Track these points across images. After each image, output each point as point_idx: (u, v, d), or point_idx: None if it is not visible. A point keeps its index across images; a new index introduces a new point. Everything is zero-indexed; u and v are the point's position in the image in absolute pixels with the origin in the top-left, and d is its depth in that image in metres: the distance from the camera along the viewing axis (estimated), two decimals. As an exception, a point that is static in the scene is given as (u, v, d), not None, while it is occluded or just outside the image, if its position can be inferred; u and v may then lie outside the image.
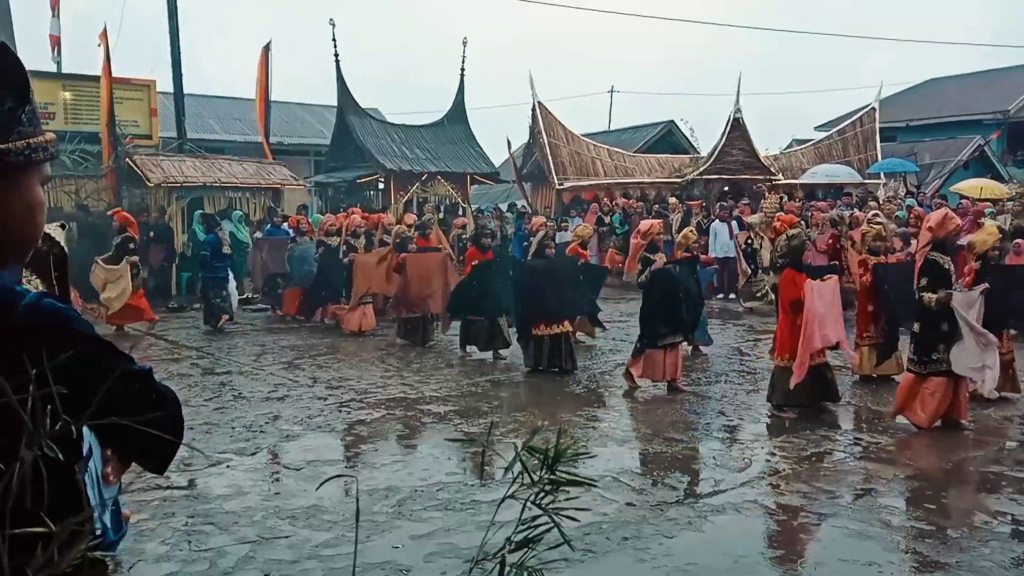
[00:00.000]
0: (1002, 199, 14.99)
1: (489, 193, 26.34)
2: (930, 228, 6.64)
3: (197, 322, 13.21)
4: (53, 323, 1.35)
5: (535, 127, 20.71)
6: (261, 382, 8.69)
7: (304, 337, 11.76)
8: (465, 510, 4.98)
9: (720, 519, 4.86)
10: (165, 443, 1.56)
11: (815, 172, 20.59)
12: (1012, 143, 25.02)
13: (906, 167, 20.65)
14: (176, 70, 18.24)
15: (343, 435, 6.78)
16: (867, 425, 6.99)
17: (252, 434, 6.68)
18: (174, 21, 18.08)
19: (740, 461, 5.96)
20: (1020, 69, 19.15)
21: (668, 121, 26.34)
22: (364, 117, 20.37)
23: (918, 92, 30.26)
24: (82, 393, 1.20)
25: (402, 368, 9.40)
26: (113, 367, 1.32)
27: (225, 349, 10.70)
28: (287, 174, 18.06)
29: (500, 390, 8.52)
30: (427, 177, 19.54)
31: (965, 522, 4.80)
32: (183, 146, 18.45)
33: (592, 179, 20.61)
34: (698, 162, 21.20)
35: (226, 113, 26.43)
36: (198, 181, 16.30)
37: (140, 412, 1.21)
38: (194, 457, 6.02)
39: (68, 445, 1.33)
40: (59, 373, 1.07)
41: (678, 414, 7.32)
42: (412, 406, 7.60)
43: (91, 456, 1.62)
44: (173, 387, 1.63)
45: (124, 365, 1.45)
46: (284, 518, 4.86)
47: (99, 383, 1.19)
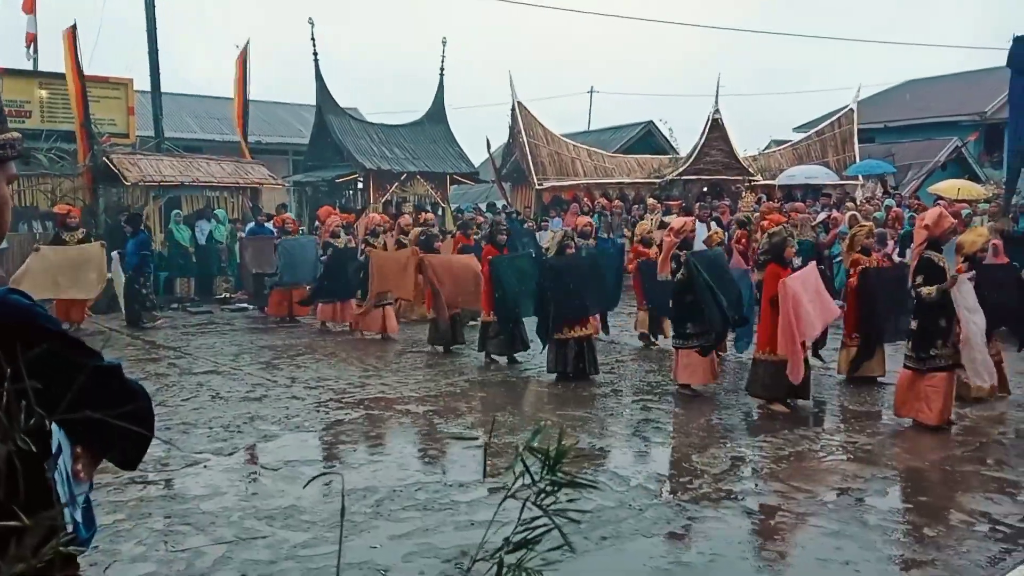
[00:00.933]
0: (978, 200, 15.15)
1: (468, 193, 26.31)
2: (926, 226, 6.74)
3: (175, 322, 13.11)
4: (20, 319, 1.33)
5: (515, 127, 20.70)
6: (239, 382, 8.61)
7: (283, 337, 11.68)
8: (443, 510, 4.95)
9: (699, 518, 4.87)
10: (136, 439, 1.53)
11: (793, 173, 20.75)
12: (989, 145, 25.31)
13: (883, 168, 20.84)
14: (154, 68, 18.04)
15: (321, 435, 6.73)
16: (845, 424, 7.04)
17: (230, 434, 6.62)
18: (152, 19, 17.90)
19: (719, 460, 5.98)
20: (997, 71, 19.34)
21: (647, 122, 26.42)
22: (343, 116, 20.29)
23: (896, 94, 30.54)
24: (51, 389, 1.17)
25: (381, 368, 9.36)
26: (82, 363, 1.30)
27: (203, 349, 10.60)
28: (265, 173, 17.93)
29: (479, 390, 8.50)
30: (406, 177, 19.49)
31: (942, 521, 4.83)
32: (160, 145, 18.26)
33: (572, 179, 20.63)
34: (677, 163, 21.29)
35: (204, 112, 26.23)
36: (176, 180, 16.15)
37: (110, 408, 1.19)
38: (171, 457, 5.96)
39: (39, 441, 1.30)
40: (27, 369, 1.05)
41: (656, 413, 7.33)
42: (390, 406, 7.56)
43: (60, 453, 1.60)
44: (150, 387, 1.61)
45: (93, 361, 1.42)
46: (262, 518, 4.82)
47: (68, 379, 1.17)
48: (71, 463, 1.67)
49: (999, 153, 22.25)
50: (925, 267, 6.64)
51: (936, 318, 6.59)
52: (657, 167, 21.58)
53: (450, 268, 10.28)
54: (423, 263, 10.23)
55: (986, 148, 25.44)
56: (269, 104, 27.38)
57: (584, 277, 8.73)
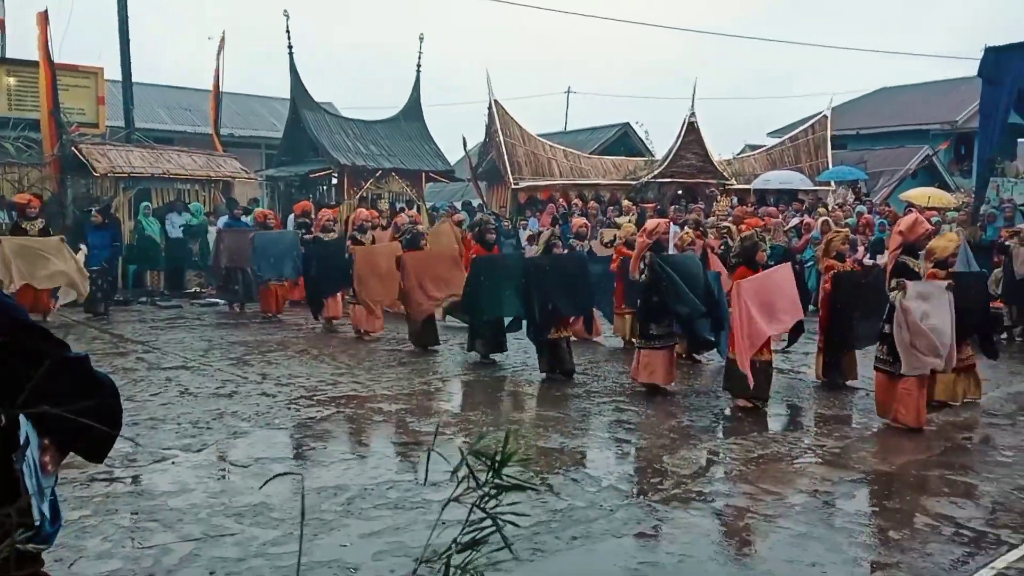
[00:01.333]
0: (948, 208, 15.39)
1: (444, 191, 26.24)
2: (900, 232, 6.92)
3: (144, 316, 12.96)
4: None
5: (491, 126, 20.67)
6: (208, 378, 8.52)
7: (254, 332, 11.57)
8: (415, 509, 4.93)
9: (669, 519, 4.89)
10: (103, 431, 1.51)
11: (767, 178, 20.95)
12: (959, 154, 25.74)
13: (856, 175, 21.10)
14: (125, 58, 17.81)
15: (292, 432, 6.68)
16: (815, 428, 7.11)
17: (198, 430, 6.54)
18: (124, 7, 17.66)
19: (689, 462, 6.01)
20: (968, 81, 19.72)
21: (624, 123, 26.52)
22: (318, 111, 20.13)
23: (869, 101, 30.94)
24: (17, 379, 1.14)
25: (353, 366, 9.30)
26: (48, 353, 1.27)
27: (172, 343, 10.47)
28: (237, 167, 17.76)
29: (452, 388, 8.49)
30: (381, 173, 19.39)
31: (907, 524, 4.90)
32: (131, 136, 18.02)
33: (548, 179, 20.65)
34: (652, 165, 21.38)
35: (176, 103, 25.93)
36: (146, 172, 15.95)
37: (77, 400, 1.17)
38: (138, 453, 5.89)
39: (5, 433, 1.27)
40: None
41: (628, 414, 7.36)
42: (363, 404, 7.52)
43: (28, 445, 1.57)
44: (117, 382, 1.58)
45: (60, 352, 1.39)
46: (230, 515, 4.77)
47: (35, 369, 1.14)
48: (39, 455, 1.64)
49: (969, 162, 22.64)
50: (900, 271, 6.78)
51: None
52: (633, 169, 21.66)
53: (428, 265, 10.20)
54: (400, 261, 10.18)
55: (956, 157, 25.87)
56: (242, 96, 27.10)
57: (570, 277, 8.72)
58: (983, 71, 13.86)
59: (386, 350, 10.32)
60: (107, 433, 1.57)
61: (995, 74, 13.70)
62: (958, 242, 7.82)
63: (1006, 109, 14.17)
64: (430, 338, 10.40)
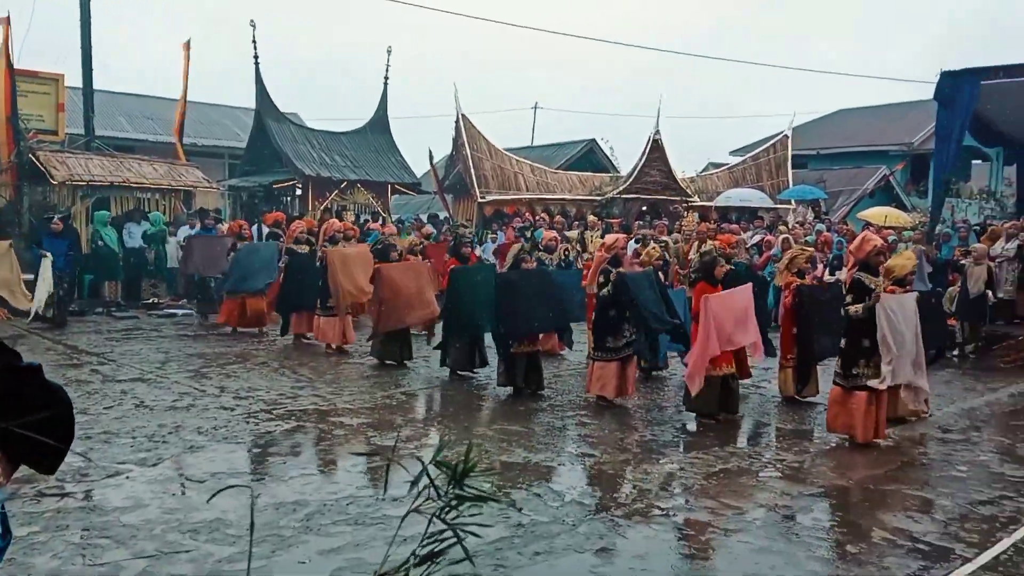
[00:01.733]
0: (904, 228, 15.71)
1: (410, 203, 26.18)
2: (851, 251, 7.09)
3: (99, 327, 12.70)
4: None
5: (458, 139, 20.69)
6: (165, 390, 8.36)
7: (212, 345, 11.39)
8: (375, 525, 4.88)
9: (631, 533, 4.90)
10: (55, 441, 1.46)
11: (729, 196, 21.24)
12: (915, 175, 26.31)
13: (815, 194, 21.47)
14: (86, 64, 17.54)
15: (250, 447, 6.57)
16: (775, 442, 7.19)
17: (154, 444, 6.41)
18: (86, 13, 17.40)
19: (651, 476, 6.03)
20: (924, 104, 20.22)
21: (589, 140, 26.73)
22: (283, 121, 20.00)
23: (828, 122, 31.54)
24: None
25: (315, 379, 9.20)
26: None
27: (128, 355, 10.27)
28: (200, 176, 17.53)
29: (415, 402, 8.43)
30: (346, 185, 19.29)
31: (864, 538, 4.95)
32: (91, 143, 17.72)
33: (514, 194, 20.71)
34: (618, 181, 21.57)
35: (137, 111, 25.58)
36: (105, 180, 15.67)
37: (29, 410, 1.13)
38: (91, 467, 5.75)
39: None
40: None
41: (591, 428, 7.37)
42: (324, 418, 7.43)
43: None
44: (70, 394, 1.53)
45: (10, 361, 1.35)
46: (185, 532, 4.67)
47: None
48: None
49: (925, 183, 23.15)
50: (855, 287, 6.96)
51: (860, 338, 6.89)
52: (599, 185, 21.82)
53: (403, 280, 9.89)
54: (376, 274, 9.91)
55: (912, 178, 26.45)
56: (206, 106, 26.81)
57: (539, 293, 8.69)
58: (939, 94, 14.19)
59: (349, 363, 10.22)
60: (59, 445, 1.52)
61: (950, 98, 14.03)
62: (915, 260, 8.01)
63: (961, 132, 14.51)
64: (405, 352, 10.20)
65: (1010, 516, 5.36)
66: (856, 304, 6.85)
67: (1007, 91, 13.82)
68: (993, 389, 9.63)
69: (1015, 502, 5.64)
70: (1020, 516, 5.36)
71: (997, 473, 6.38)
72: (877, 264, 7.11)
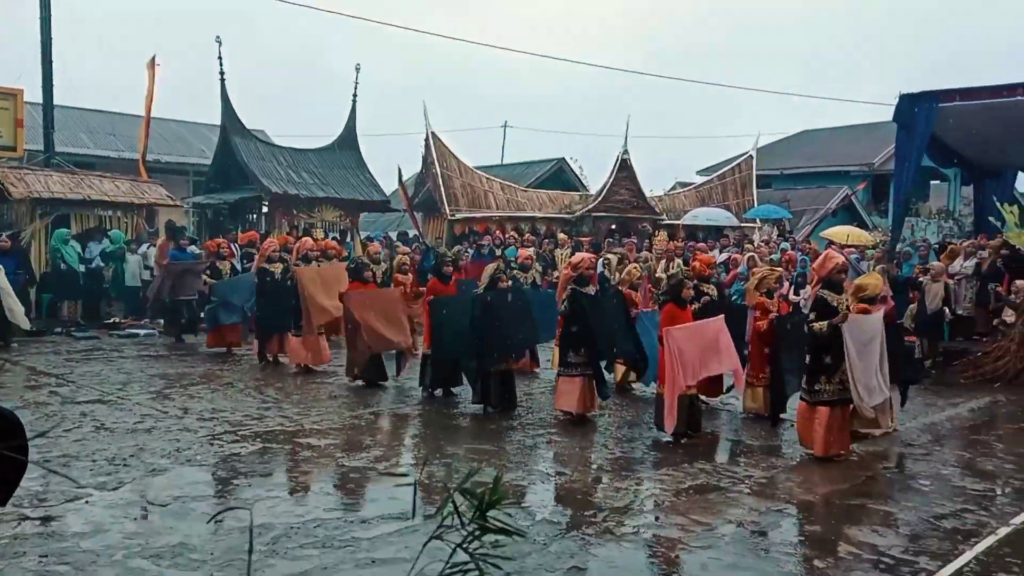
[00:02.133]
0: (866, 246, 15.97)
1: (379, 221, 26.08)
2: (814, 269, 7.23)
3: (58, 347, 12.44)
4: None
5: (428, 157, 20.67)
6: (126, 412, 8.19)
7: (175, 365, 11.21)
8: (344, 547, 4.81)
9: (601, 551, 4.88)
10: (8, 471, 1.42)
11: (696, 215, 21.46)
12: (876, 194, 26.83)
13: (780, 213, 21.79)
14: (46, 80, 17.29)
15: (214, 469, 6.45)
16: (743, 459, 7.22)
17: (115, 467, 6.27)
18: (47, 29, 17.17)
19: (621, 493, 6.02)
20: (884, 125, 20.65)
21: (559, 158, 26.90)
22: (249, 138, 19.82)
23: (792, 143, 32.09)
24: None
25: (281, 399, 9.08)
26: None
27: (88, 376, 10.06)
28: (163, 193, 17.29)
29: (384, 422, 8.35)
30: (314, 202, 19.16)
31: (831, 553, 4.99)
32: (50, 160, 17.43)
33: (484, 211, 20.72)
34: (587, 200, 21.69)
35: (99, 127, 25.22)
36: (65, 197, 15.40)
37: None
38: (49, 491, 5.60)
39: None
40: None
41: (562, 446, 7.35)
42: (290, 439, 7.33)
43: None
44: (27, 417, 1.49)
45: None
46: (148, 557, 4.56)
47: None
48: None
49: (885, 202, 23.58)
50: (818, 305, 7.10)
51: (822, 355, 7.04)
52: (568, 203, 21.93)
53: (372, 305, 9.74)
54: (343, 298, 9.81)
55: (873, 197, 26.96)
56: (170, 122, 26.53)
57: (515, 313, 8.71)
58: (898, 116, 14.49)
59: (317, 383, 10.11)
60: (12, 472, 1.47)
61: (909, 120, 14.33)
62: (883, 280, 8.18)
63: (919, 153, 14.83)
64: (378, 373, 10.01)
65: (972, 529, 5.44)
66: (820, 322, 6.95)
67: (964, 114, 14.16)
68: (954, 404, 9.80)
69: (976, 515, 5.73)
70: (982, 529, 5.44)
71: (959, 487, 6.48)
72: (839, 281, 7.24)
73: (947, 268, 12.88)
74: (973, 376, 11.30)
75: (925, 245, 15.56)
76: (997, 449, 7.77)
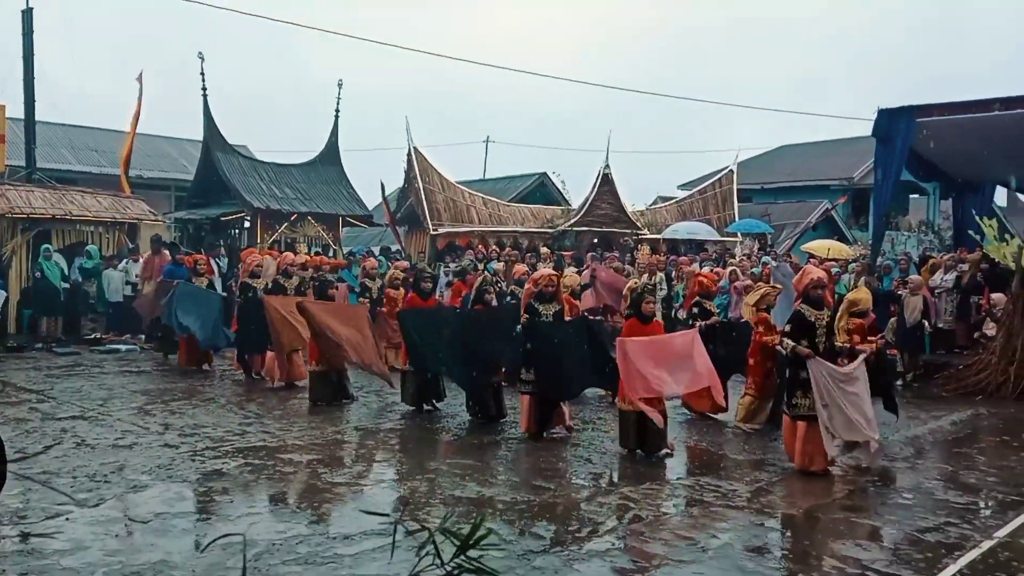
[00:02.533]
0: (847, 260, 16.11)
1: (362, 236, 26.03)
2: (794, 284, 7.29)
3: (39, 363, 12.31)
4: None
5: (410, 172, 20.69)
6: (107, 428, 8.11)
7: (156, 380, 11.12)
8: (326, 564, 4.77)
9: (585, 568, 4.87)
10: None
11: (677, 229, 21.58)
12: (856, 208, 27.10)
13: (762, 228, 21.95)
14: (28, 95, 17.20)
15: (196, 485, 6.38)
16: (727, 472, 7.23)
17: (95, 484, 6.20)
18: (29, 44, 17.10)
19: (606, 509, 6.02)
20: (863, 140, 20.94)
21: (541, 173, 27.00)
22: (231, 154, 19.77)
23: (772, 157, 32.37)
24: None
25: (263, 415, 9.02)
26: None
27: (69, 392, 9.95)
28: (145, 209, 17.20)
29: (366, 438, 8.31)
30: (296, 217, 19.11)
31: (816, 568, 5.00)
32: (32, 175, 17.31)
33: (467, 226, 20.74)
34: (569, 214, 21.78)
35: (82, 143, 25.07)
36: (47, 213, 15.28)
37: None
38: (29, 508, 5.53)
39: None
40: None
41: (546, 462, 7.34)
42: (272, 455, 7.27)
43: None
44: (7, 433, 1.48)
45: None
46: (129, 574, 4.51)
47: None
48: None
49: (866, 216, 23.83)
50: (795, 319, 7.23)
51: (798, 370, 7.15)
52: (550, 217, 22.01)
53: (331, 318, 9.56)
54: (303, 309, 9.61)
55: (854, 211, 27.22)
56: (151, 137, 26.40)
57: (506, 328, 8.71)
58: (877, 131, 14.68)
59: (299, 399, 10.04)
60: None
61: (887, 134, 14.52)
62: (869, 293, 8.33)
63: (898, 167, 15.02)
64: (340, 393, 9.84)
65: (955, 542, 5.47)
66: (790, 339, 7.09)
67: (941, 128, 14.37)
68: (936, 417, 9.87)
69: (960, 528, 5.76)
70: (965, 542, 5.47)
71: (942, 500, 6.51)
72: (816, 297, 7.30)
73: (927, 282, 13.01)
74: (955, 389, 11.37)
75: (906, 259, 15.72)
76: (979, 462, 7.83)
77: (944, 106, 14.06)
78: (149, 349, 13.81)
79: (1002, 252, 11.88)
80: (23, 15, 17.17)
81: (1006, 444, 8.61)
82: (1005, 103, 13.40)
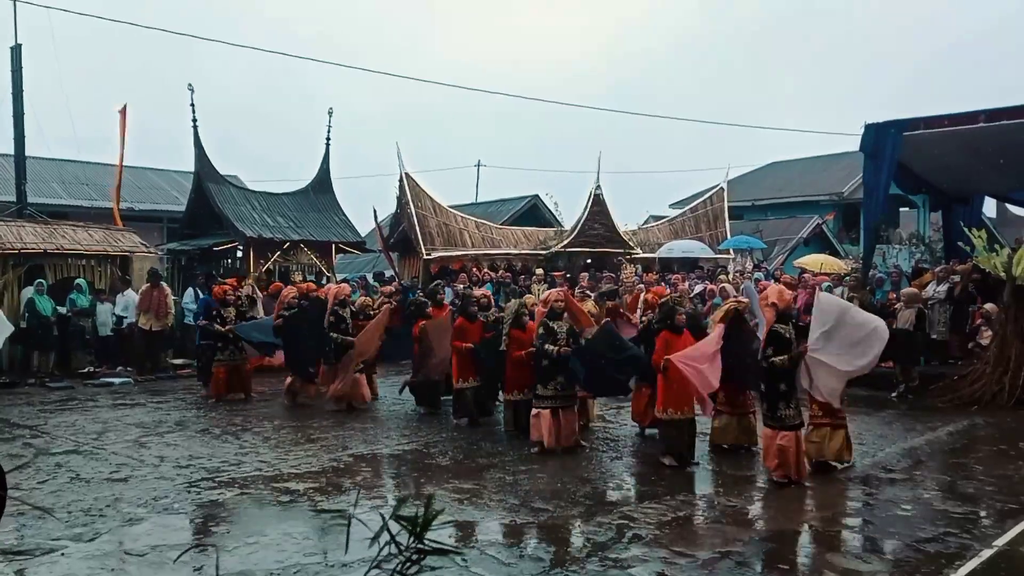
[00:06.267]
0: (840, 274, 16.16)
1: (355, 262, 26.03)
2: (773, 304, 7.37)
3: (31, 398, 12.24)
4: None
5: (403, 197, 20.74)
6: (102, 462, 8.05)
7: (151, 412, 11.06)
8: (324, 592, 4.73)
9: (586, 588, 4.84)
10: None
11: (671, 247, 21.64)
12: (847, 223, 27.23)
13: (754, 244, 22.03)
14: (18, 131, 17.25)
15: (192, 517, 6.34)
16: (723, 488, 7.22)
17: (91, 518, 6.15)
18: (18, 81, 17.17)
19: (604, 528, 5.99)
20: (851, 155, 21.08)
21: (533, 195, 27.10)
22: (223, 184, 19.79)
23: (762, 174, 32.56)
24: None
25: (258, 444, 8.97)
26: None
27: (63, 427, 9.89)
28: (137, 241, 17.18)
29: (363, 464, 8.27)
30: (289, 246, 19.11)
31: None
32: (23, 211, 17.31)
33: (460, 250, 20.77)
34: (562, 235, 21.82)
35: (72, 177, 25.06)
36: (38, 248, 15.27)
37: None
38: (23, 545, 5.48)
39: None
40: None
41: (544, 483, 7.31)
42: (268, 484, 7.23)
43: None
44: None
45: None
46: (123, 610, 4.46)
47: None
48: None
49: (856, 230, 23.93)
50: (774, 339, 7.35)
51: (777, 384, 7.28)
52: (543, 239, 22.05)
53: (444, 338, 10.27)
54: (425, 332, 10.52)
55: (844, 225, 27.36)
56: (142, 170, 26.45)
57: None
58: (864, 146, 14.76)
59: (293, 427, 10.00)
60: None
61: (875, 149, 14.61)
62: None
63: (887, 181, 15.09)
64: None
65: (955, 552, 5.46)
66: (779, 356, 7.20)
67: (928, 141, 14.47)
68: (933, 428, 9.87)
69: (959, 539, 5.75)
70: (965, 552, 5.46)
71: (941, 511, 6.50)
72: (792, 314, 7.51)
73: (920, 293, 13.05)
74: (950, 400, 11.38)
75: (898, 272, 15.78)
76: (977, 472, 7.82)
77: (930, 119, 14.16)
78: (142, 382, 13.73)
79: (992, 262, 11.95)
80: (12, 51, 17.27)
81: (1003, 453, 8.60)
82: (989, 115, 13.50)
